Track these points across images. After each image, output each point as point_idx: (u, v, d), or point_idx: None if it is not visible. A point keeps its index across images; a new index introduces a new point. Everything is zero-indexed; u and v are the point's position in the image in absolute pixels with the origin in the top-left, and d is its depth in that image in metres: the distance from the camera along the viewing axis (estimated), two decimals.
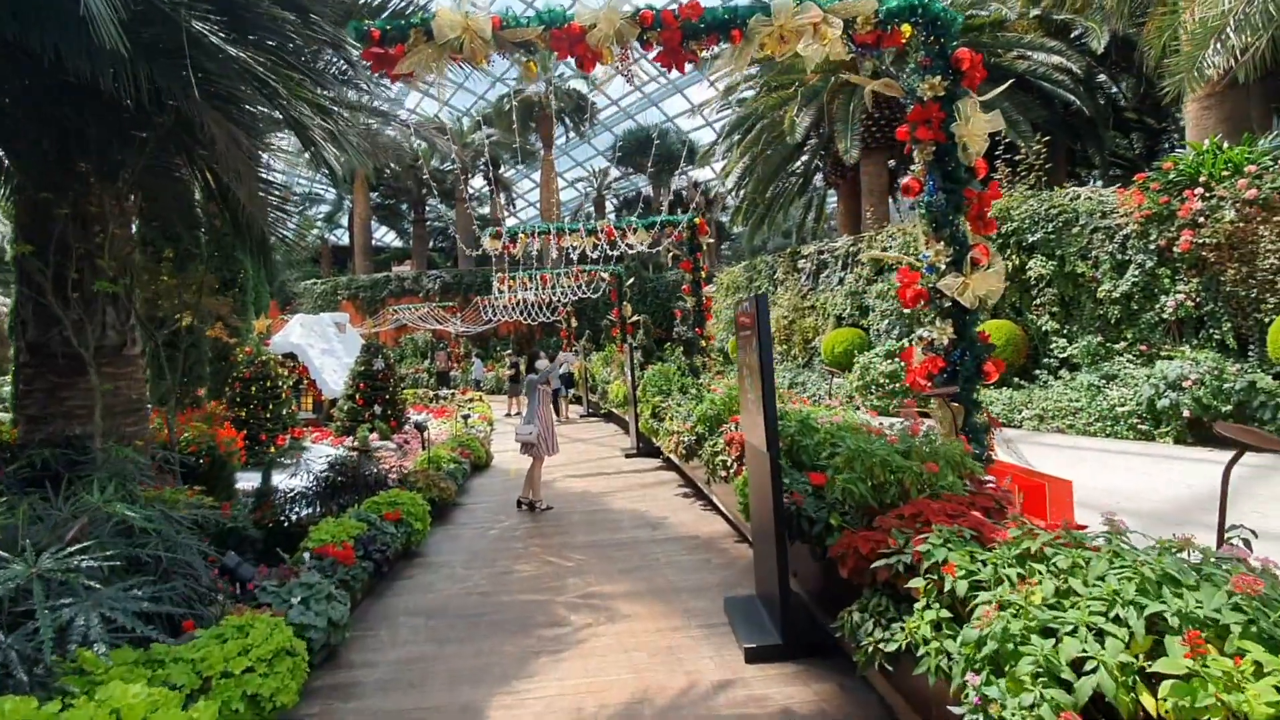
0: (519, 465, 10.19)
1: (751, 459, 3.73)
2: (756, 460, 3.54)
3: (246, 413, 11.21)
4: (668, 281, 29.76)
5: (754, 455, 3.62)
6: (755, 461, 3.59)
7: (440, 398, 20.35)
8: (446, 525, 6.61)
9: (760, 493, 3.56)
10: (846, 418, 4.06)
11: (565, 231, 10.20)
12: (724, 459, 5.36)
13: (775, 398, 3.27)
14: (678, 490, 7.64)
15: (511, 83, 33.56)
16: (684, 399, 8.10)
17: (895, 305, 12.08)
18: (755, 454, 3.57)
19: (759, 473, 3.52)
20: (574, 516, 6.65)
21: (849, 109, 15.66)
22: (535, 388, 7.12)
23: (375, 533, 4.90)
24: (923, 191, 3.91)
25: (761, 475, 3.45)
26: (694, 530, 5.84)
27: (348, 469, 6.62)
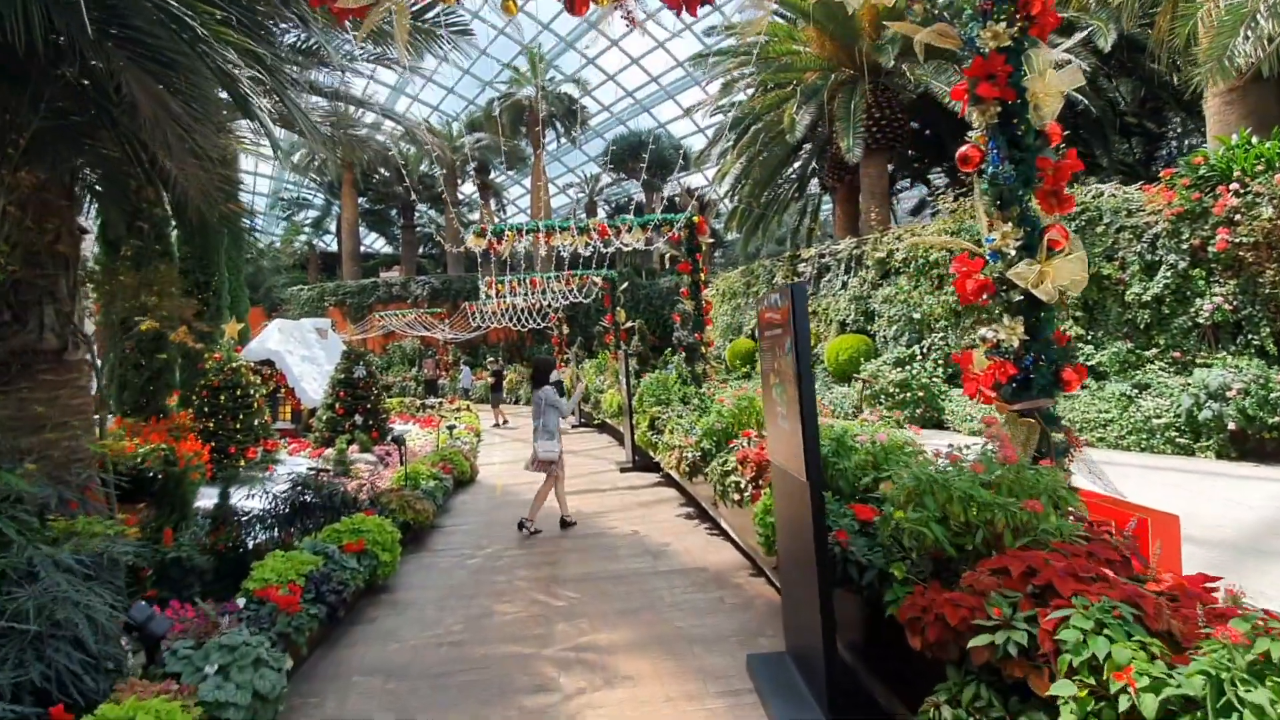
0: (505, 480, 9.46)
1: (782, 487, 3.05)
2: (790, 490, 2.86)
3: (215, 423, 10.42)
4: (662, 288, 29.15)
5: (786, 483, 2.94)
6: (788, 491, 2.91)
7: (427, 407, 19.57)
8: (421, 552, 5.88)
9: (793, 529, 2.88)
10: (892, 436, 3.40)
11: (555, 229, 9.53)
12: (736, 480, 4.67)
13: (817, 413, 2.59)
14: (679, 510, 6.94)
15: (502, 87, 33.01)
16: (685, 410, 7.42)
17: (904, 310, 11.47)
18: (788, 482, 2.89)
19: (793, 505, 2.84)
20: (565, 541, 5.93)
21: (850, 107, 15.12)
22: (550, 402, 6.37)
23: (332, 569, 4.17)
24: (983, 162, 3.26)
25: (796, 508, 2.77)
26: (701, 560, 5.14)
27: (311, 488, 5.89)
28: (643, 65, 31.88)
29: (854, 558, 2.74)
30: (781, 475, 3.04)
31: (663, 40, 29.29)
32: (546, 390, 6.42)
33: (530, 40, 30.89)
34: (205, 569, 5.16)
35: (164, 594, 4.91)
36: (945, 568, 2.55)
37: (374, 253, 45.88)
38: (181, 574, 5.07)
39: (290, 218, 43.03)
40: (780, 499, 3.14)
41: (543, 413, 6.34)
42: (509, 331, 27.86)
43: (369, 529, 4.77)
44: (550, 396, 6.40)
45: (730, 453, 5.16)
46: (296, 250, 42.37)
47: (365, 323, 29.50)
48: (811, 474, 2.57)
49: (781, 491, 3.09)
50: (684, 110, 34.19)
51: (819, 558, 2.58)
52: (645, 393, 8.92)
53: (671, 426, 7.24)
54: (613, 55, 31.88)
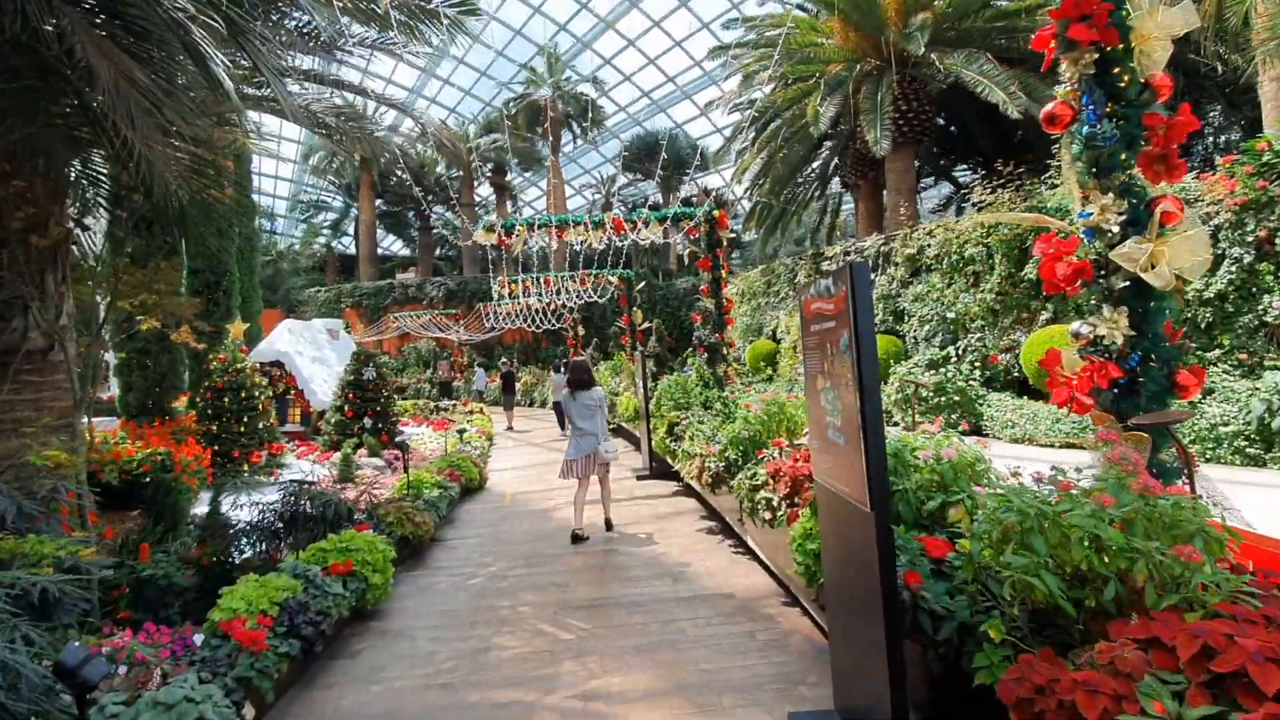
0: (516, 488, 9.00)
1: (833, 513, 2.51)
2: (845, 518, 2.33)
3: (219, 426, 10.08)
4: (679, 289, 28.63)
5: (839, 510, 2.41)
6: (842, 520, 2.38)
7: (441, 409, 19.23)
8: (419, 570, 5.40)
9: (848, 564, 2.36)
10: (961, 451, 2.85)
11: (569, 224, 9.05)
12: (768, 497, 4.14)
13: (883, 426, 2.06)
14: (700, 524, 6.41)
15: (518, 88, 32.72)
16: (707, 415, 6.89)
17: (937, 309, 10.83)
18: (842, 508, 2.36)
19: (848, 537, 2.31)
20: (575, 560, 5.43)
21: (876, 99, 14.49)
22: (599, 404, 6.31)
23: (312, 595, 3.71)
24: (1075, 121, 2.71)
25: (853, 541, 2.24)
26: (727, 584, 4.61)
27: (303, 498, 5.45)
28: (659, 65, 31.43)
29: (927, 605, 2.20)
30: (831, 499, 2.51)
31: (680, 39, 28.84)
32: (598, 391, 6.33)
33: (547, 40, 30.58)
34: (186, 587, 4.74)
35: (139, 615, 4.48)
36: (1047, 622, 2.00)
37: (391, 255, 45.91)
38: (158, 593, 4.65)
39: (309, 220, 43.18)
40: (829, 526, 2.61)
41: (593, 415, 6.21)
42: (524, 333, 27.51)
43: (358, 548, 4.31)
44: (601, 397, 6.33)
45: (759, 464, 4.62)
46: (315, 252, 42.48)
47: (380, 324, 29.32)
48: (878, 503, 2.03)
49: (832, 518, 2.55)
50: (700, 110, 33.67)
51: (887, 606, 2.04)
52: (663, 396, 8.41)
53: (691, 433, 6.72)
54: (630, 55, 31.45)
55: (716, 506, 6.18)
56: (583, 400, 6.21)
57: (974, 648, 2.03)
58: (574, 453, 6.14)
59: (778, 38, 16.88)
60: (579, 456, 6.11)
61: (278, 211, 43.63)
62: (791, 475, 3.90)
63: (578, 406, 6.20)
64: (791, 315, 15.12)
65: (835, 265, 14.02)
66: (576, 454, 6.12)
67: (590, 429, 6.16)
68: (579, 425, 6.18)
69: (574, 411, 6.23)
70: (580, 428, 6.17)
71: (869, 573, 2.12)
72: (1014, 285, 10.08)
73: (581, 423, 6.17)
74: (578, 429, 6.19)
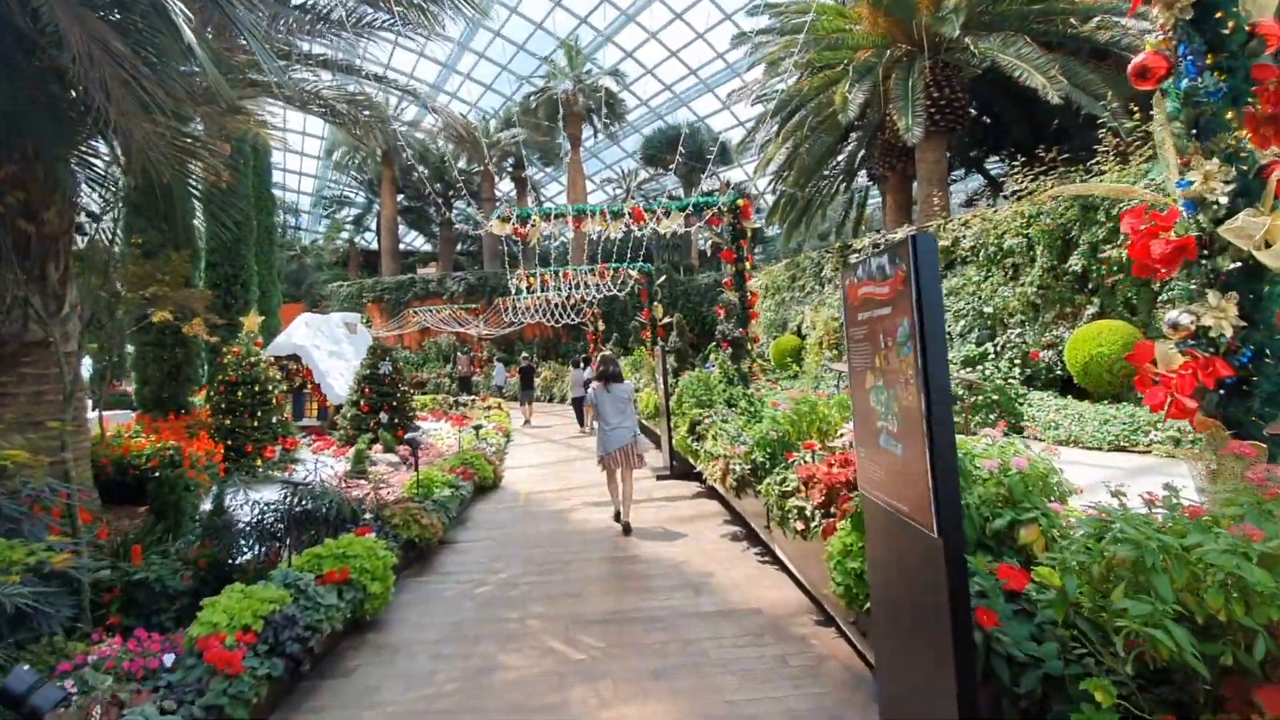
0: (532, 487, 8.72)
1: (886, 533, 2.15)
2: (903, 542, 1.96)
3: (232, 420, 9.95)
4: (700, 284, 28.17)
5: (895, 530, 2.04)
6: (899, 543, 2.01)
7: (460, 404, 19.09)
8: (426, 575, 5.12)
9: (904, 592, 1.99)
10: (1034, 461, 2.45)
11: (587, 214, 8.72)
12: (800, 506, 3.77)
13: (954, 434, 1.69)
14: (723, 528, 6.05)
15: (539, 82, 32.47)
16: (731, 414, 6.52)
17: (973, 303, 10.30)
18: (899, 529, 1.99)
19: (906, 562, 1.95)
20: (591, 567, 5.11)
21: (907, 85, 13.93)
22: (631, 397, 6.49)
23: (302, 608, 3.43)
24: (1170, 75, 2.30)
25: (914, 568, 1.88)
26: (752, 597, 4.25)
27: (306, 498, 5.21)
28: (681, 58, 30.96)
29: (1003, 650, 1.83)
30: (883, 517, 2.14)
31: (702, 31, 28.32)
32: (629, 384, 6.48)
33: (568, 34, 30.27)
34: (181, 591, 4.51)
35: (129, 621, 4.26)
36: (1161, 678, 1.62)
37: (413, 250, 46.13)
38: (150, 597, 4.42)
39: (331, 215, 43.52)
40: (880, 546, 2.24)
41: (624, 408, 6.32)
42: (544, 328, 27.31)
43: (356, 554, 4.03)
44: (632, 389, 6.52)
45: (789, 469, 4.25)
46: (338, 248, 42.82)
47: (400, 318, 29.34)
48: (948, 528, 1.67)
49: (884, 538, 2.19)
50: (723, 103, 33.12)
51: (960, 652, 1.68)
52: (685, 393, 8.05)
53: (715, 432, 6.36)
54: (651, 48, 31.04)
55: (741, 511, 5.82)
56: (616, 393, 6.27)
57: (1065, 705, 1.66)
58: (610, 446, 6.17)
59: (803, 24, 16.37)
60: (614, 449, 6.14)
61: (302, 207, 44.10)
62: (827, 482, 3.53)
63: (611, 399, 6.26)
64: (817, 310, 14.64)
65: (864, 258, 13.50)
66: (613, 447, 6.15)
67: (623, 422, 6.21)
68: (611, 419, 6.22)
69: (607, 404, 6.27)
70: (612, 422, 6.21)
71: (935, 609, 1.75)
72: (1056, 278, 9.54)
73: (614, 417, 6.22)
74: (609, 423, 6.21)
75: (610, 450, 6.15)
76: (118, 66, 3.25)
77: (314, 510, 5.15)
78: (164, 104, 3.53)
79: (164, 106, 3.53)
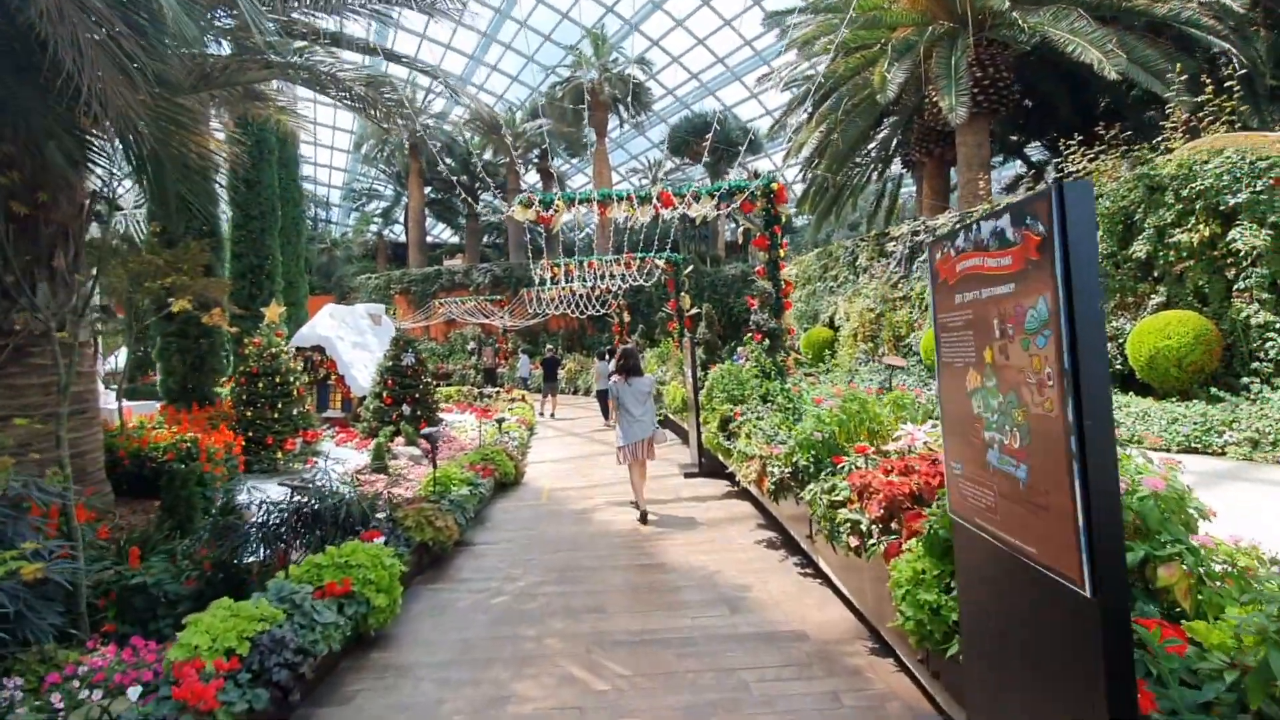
0: (554, 483, 8.37)
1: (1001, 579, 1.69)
2: (1027, 592, 1.51)
3: (253, 412, 9.76)
4: (727, 275, 27.54)
5: (1014, 576, 1.59)
6: (1020, 591, 1.56)
7: (484, 396, 18.90)
8: (439, 583, 4.78)
9: (1038, 654, 1.54)
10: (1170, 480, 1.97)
11: (612, 199, 8.29)
12: (853, 519, 3.31)
13: (1115, 458, 1.23)
14: (758, 534, 5.61)
15: (565, 71, 32.06)
16: (766, 410, 6.06)
17: None
18: (1020, 576, 1.54)
19: (1039, 619, 1.49)
20: (615, 576, 4.71)
21: (950, 63, 13.19)
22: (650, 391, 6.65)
23: (296, 627, 3.09)
24: None
25: (1053, 631, 1.43)
26: (796, 617, 3.81)
27: (310, 497, 4.90)
28: (708, 46, 30.26)
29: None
30: (992, 555, 1.69)
31: (730, 18, 27.58)
32: (649, 378, 6.65)
33: (594, 23, 29.77)
34: (182, 595, 4.23)
35: (125, 628, 4.00)
36: None
37: (441, 242, 46.28)
38: (148, 603, 4.14)
39: (360, 208, 43.84)
40: (983, 589, 1.79)
41: (644, 401, 6.47)
42: (569, 319, 27.01)
43: (360, 563, 3.68)
44: (652, 383, 6.66)
45: (838, 475, 3.79)
46: (367, 240, 43.16)
47: (426, 310, 29.31)
48: (1108, 585, 1.21)
49: (992, 582, 1.73)
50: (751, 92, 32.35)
51: None
52: (715, 387, 7.60)
53: (749, 430, 5.91)
54: (678, 36, 30.41)
55: (778, 516, 5.37)
56: (637, 387, 6.43)
57: None
58: (629, 438, 6.31)
59: (838, 2, 15.67)
60: (634, 442, 6.28)
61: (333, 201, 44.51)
62: (887, 494, 3.06)
63: (632, 393, 6.41)
64: (852, 301, 14.03)
65: (902, 246, 12.87)
66: (632, 439, 6.29)
67: (642, 415, 6.36)
68: (632, 412, 6.35)
69: (628, 397, 6.41)
70: (633, 414, 6.34)
71: (1076, 681, 1.30)
72: (1117, 265, 8.84)
73: (634, 409, 6.36)
74: (630, 415, 6.34)
75: (630, 442, 6.29)
76: (90, 23, 2.91)
77: (322, 511, 4.85)
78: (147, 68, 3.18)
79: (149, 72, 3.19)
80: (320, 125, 38.94)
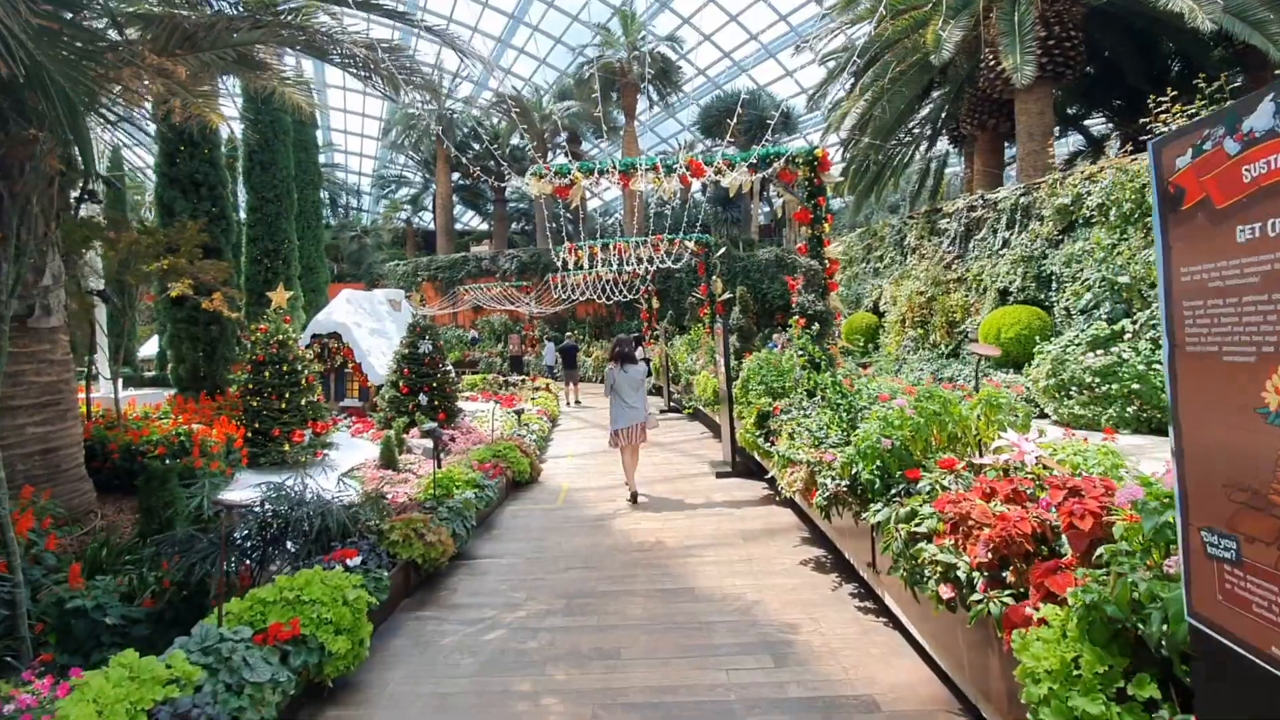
0: (573, 482, 7.65)
1: None
2: None
3: (259, 402, 9.24)
4: (760, 260, 26.39)
5: None
6: None
7: (509, 384, 18.33)
8: (426, 610, 4.08)
9: None
10: None
11: (637, 168, 7.45)
12: (946, 562, 2.47)
13: None
14: (803, 549, 4.79)
15: (594, 52, 31.13)
16: (813, 406, 5.20)
17: (1103, 272, 8.53)
18: None
19: None
20: (634, 604, 3.94)
21: (1013, 19, 11.95)
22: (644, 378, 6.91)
23: (216, 689, 2.39)
24: None
25: None
26: (860, 674, 2.99)
27: (281, 506, 4.24)
28: (741, 22, 28.96)
29: None
30: None
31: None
32: (643, 365, 6.93)
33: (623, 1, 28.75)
34: (134, 619, 3.62)
35: (64, 658, 3.41)
36: None
37: (470, 229, 46.02)
38: (88, 630, 3.53)
39: (387, 195, 43.77)
40: None
41: (638, 388, 6.66)
42: (597, 306, 26.28)
43: (315, 597, 2.98)
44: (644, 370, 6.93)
45: (915, 495, 2.94)
46: (396, 227, 43.10)
47: (453, 296, 28.89)
48: None
49: None
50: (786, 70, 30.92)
51: None
52: (751, 377, 6.76)
53: (791, 429, 5.07)
54: (709, 13, 29.21)
55: (829, 532, 4.54)
56: (631, 373, 6.63)
57: None
58: (623, 422, 6.55)
59: None
60: (627, 426, 6.53)
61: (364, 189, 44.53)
62: (999, 533, 2.21)
63: (627, 379, 6.62)
64: (899, 284, 12.97)
65: (957, 223, 11.75)
66: (625, 423, 6.54)
67: (635, 401, 6.56)
68: (625, 398, 6.56)
69: (623, 383, 6.62)
70: (626, 401, 6.54)
71: None
72: None
73: (628, 395, 6.55)
74: (623, 401, 6.56)
75: (623, 426, 6.51)
76: None
77: (296, 522, 4.19)
78: None
79: None
80: (350, 113, 38.82)
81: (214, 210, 11.08)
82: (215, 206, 11.14)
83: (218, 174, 11.22)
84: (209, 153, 11.06)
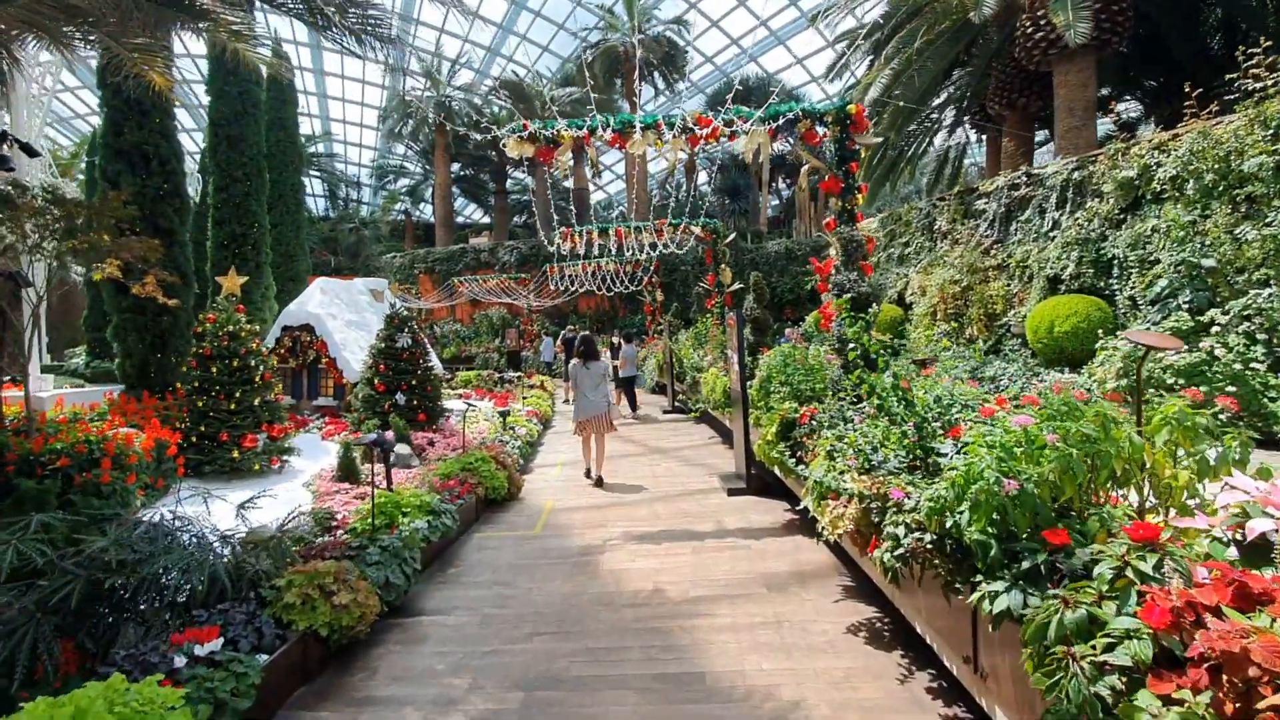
0: (559, 499, 6.46)
1: None
2: None
3: (205, 402, 8.08)
4: (769, 252, 25.10)
5: None
6: None
7: (505, 381, 17.18)
8: (320, 709, 2.89)
9: None
10: None
11: (635, 125, 6.22)
12: (1177, 713, 1.26)
13: None
14: (847, 605, 3.59)
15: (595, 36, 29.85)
16: (859, 416, 3.98)
17: (1181, 255, 7.26)
18: None
19: None
20: (619, 704, 2.75)
21: None
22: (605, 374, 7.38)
23: None
24: None
25: None
26: None
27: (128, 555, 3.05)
28: (750, 7, 27.62)
29: None
30: None
31: None
32: (604, 363, 7.44)
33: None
34: None
35: None
36: None
37: (471, 222, 44.81)
38: None
39: (385, 186, 42.67)
40: None
41: (599, 384, 7.17)
42: (598, 299, 25.07)
43: None
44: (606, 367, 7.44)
45: (1084, 583, 1.73)
46: (394, 219, 42.02)
47: (448, 289, 27.74)
48: None
49: None
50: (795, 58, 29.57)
51: None
52: (772, 376, 5.55)
53: (830, 446, 3.85)
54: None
55: (884, 586, 3.33)
56: (594, 370, 7.17)
57: None
58: (585, 414, 7.10)
59: None
60: (589, 417, 7.08)
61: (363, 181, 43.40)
62: None
63: (589, 375, 7.16)
64: (928, 273, 11.71)
65: (996, 204, 10.48)
66: (586, 415, 7.09)
67: (595, 396, 7.08)
68: (589, 394, 7.08)
69: (585, 379, 7.16)
70: (590, 396, 7.08)
71: None
72: None
73: (590, 392, 7.10)
74: (587, 396, 7.08)
75: (585, 418, 7.08)
76: None
77: (149, 578, 3.00)
78: None
79: None
80: (349, 102, 37.67)
81: (166, 187, 9.92)
82: (168, 183, 9.97)
83: (170, 146, 10.04)
84: (160, 122, 9.88)
